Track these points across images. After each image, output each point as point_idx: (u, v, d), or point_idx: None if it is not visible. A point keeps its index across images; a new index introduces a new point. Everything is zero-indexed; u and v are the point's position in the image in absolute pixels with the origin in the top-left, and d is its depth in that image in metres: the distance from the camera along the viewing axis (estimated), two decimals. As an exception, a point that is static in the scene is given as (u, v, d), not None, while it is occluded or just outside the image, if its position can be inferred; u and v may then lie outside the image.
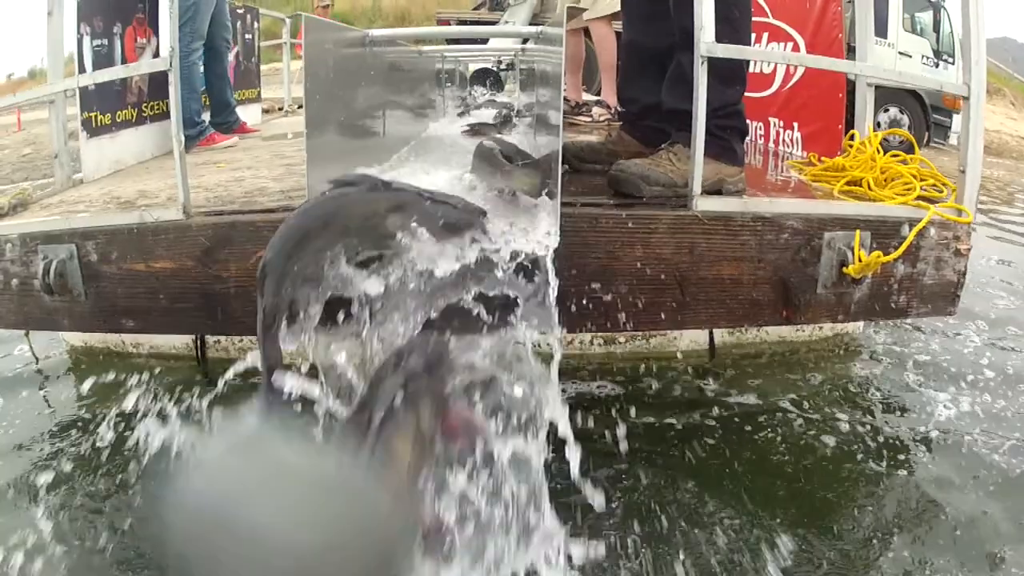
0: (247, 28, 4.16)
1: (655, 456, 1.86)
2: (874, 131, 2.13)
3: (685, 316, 1.53)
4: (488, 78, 7.31)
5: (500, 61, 6.75)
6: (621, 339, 2.43)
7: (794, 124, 2.54)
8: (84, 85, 2.35)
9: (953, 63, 8.58)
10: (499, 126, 2.99)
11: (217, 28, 3.25)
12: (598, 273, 1.46)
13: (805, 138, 2.46)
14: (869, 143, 1.96)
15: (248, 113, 3.94)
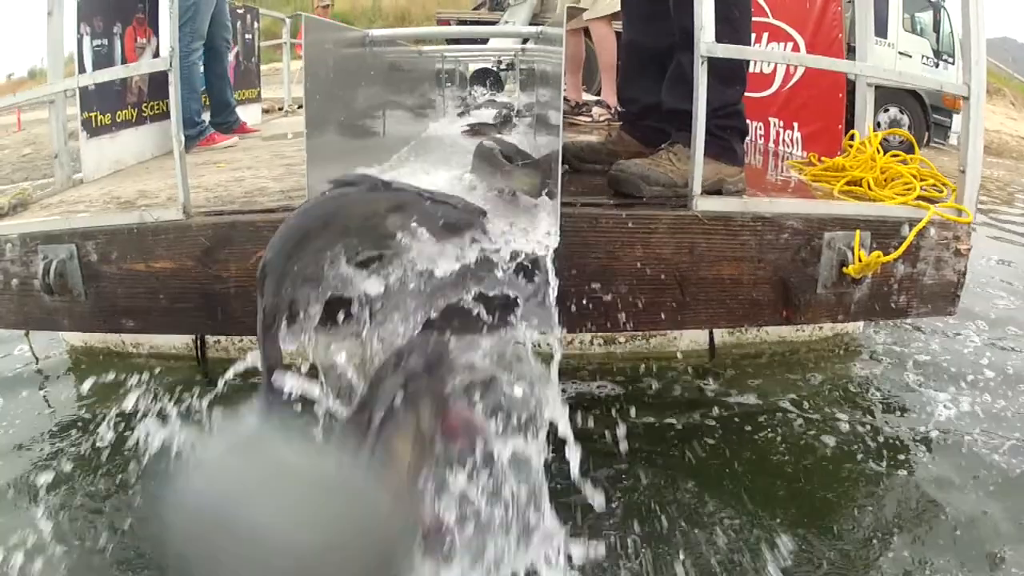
0: (247, 28, 4.16)
1: (655, 456, 1.86)
2: (874, 131, 2.13)
3: (685, 316, 1.53)
4: (488, 78, 7.31)
5: (500, 61, 6.75)
6: (621, 339, 2.43)
7: (794, 124, 2.54)
8: (84, 85, 2.34)
9: (953, 63, 8.58)
10: (499, 126, 2.99)
11: (217, 28, 3.25)
12: (598, 273, 1.46)
13: (805, 138, 2.46)
14: (869, 143, 1.95)
15: (248, 113, 3.94)
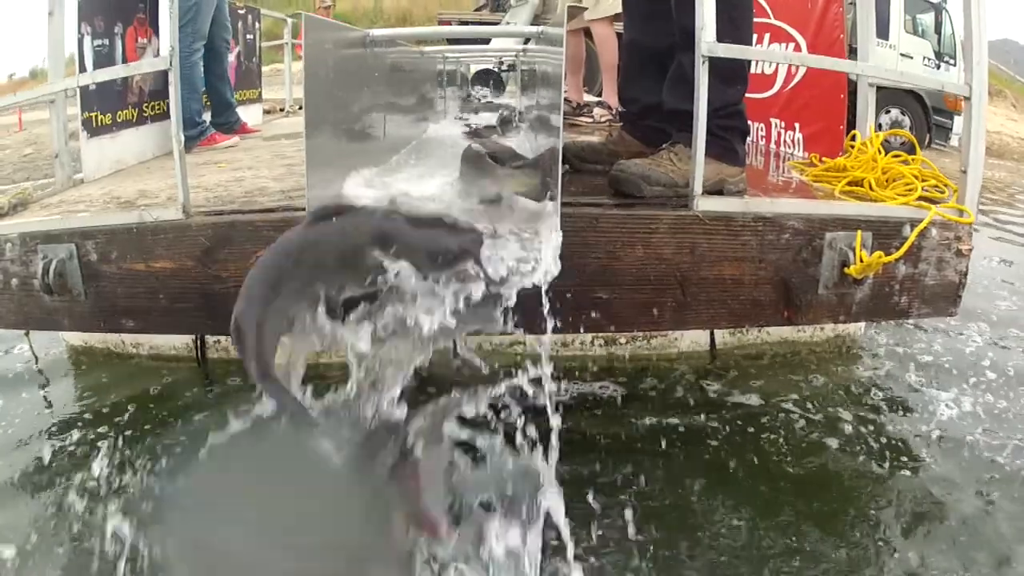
0: (248, 29, 4.16)
1: (657, 457, 1.85)
2: (875, 132, 2.13)
3: (686, 316, 1.53)
4: (490, 79, 7.30)
5: (502, 62, 6.74)
6: (622, 340, 2.42)
7: (795, 125, 2.53)
8: (84, 85, 2.34)
9: (955, 65, 8.58)
10: (500, 127, 2.98)
11: (217, 29, 3.25)
12: (599, 273, 1.46)
13: (806, 139, 2.46)
14: (870, 144, 1.95)
15: (249, 114, 3.94)
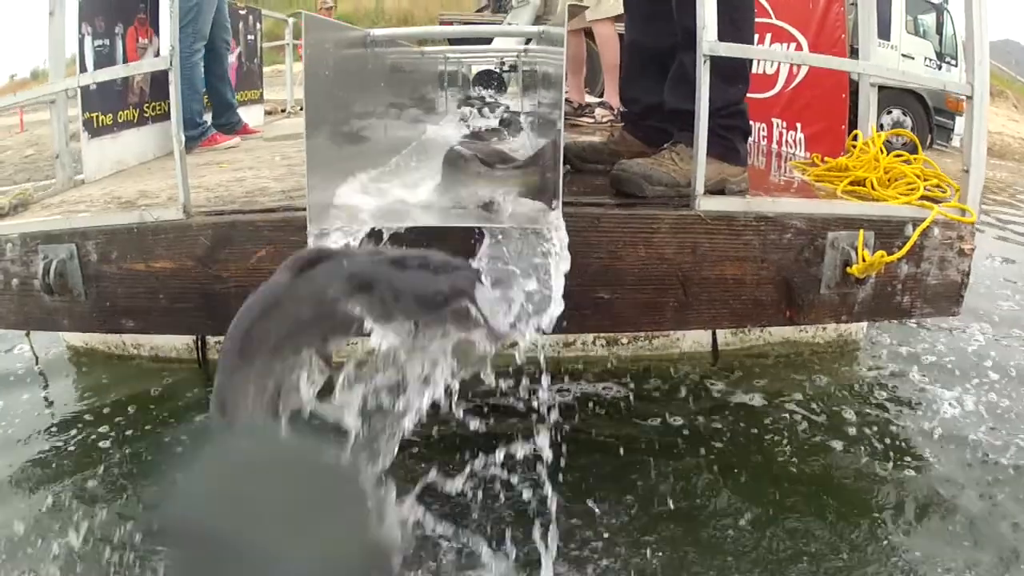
0: (249, 29, 4.16)
1: (662, 458, 1.85)
2: (877, 132, 2.12)
3: (688, 316, 1.52)
4: (491, 79, 7.29)
5: (503, 62, 6.73)
6: (624, 340, 2.42)
7: (797, 125, 2.52)
8: (85, 85, 2.34)
9: (956, 65, 8.57)
10: (501, 128, 2.98)
11: (217, 29, 3.24)
12: (600, 273, 1.45)
13: (808, 139, 2.45)
14: (872, 143, 1.94)
15: (250, 114, 3.94)
